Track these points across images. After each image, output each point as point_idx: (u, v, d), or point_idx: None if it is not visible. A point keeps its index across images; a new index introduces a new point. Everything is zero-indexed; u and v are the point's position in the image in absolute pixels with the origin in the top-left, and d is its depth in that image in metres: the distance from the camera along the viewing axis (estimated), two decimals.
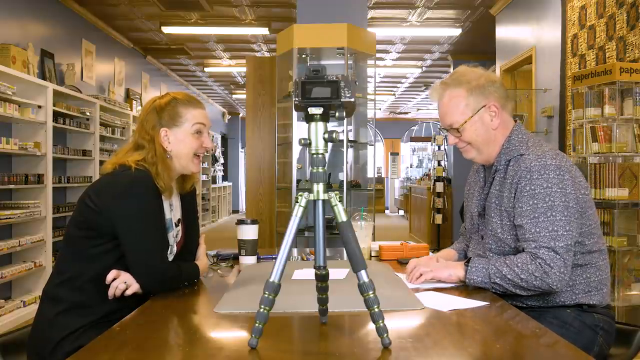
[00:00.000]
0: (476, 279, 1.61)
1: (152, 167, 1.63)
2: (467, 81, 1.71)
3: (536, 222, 1.57)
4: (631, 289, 3.56)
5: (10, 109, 4.29)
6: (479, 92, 1.70)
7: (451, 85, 1.74)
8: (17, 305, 4.46)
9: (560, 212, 1.56)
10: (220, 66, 9.73)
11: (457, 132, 1.73)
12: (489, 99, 1.71)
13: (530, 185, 1.60)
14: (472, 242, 1.85)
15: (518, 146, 1.71)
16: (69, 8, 6.08)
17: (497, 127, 1.72)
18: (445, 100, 1.74)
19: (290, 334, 1.32)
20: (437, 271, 1.68)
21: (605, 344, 1.64)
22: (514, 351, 1.15)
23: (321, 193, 1.16)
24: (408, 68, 9.79)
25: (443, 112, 1.75)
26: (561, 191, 1.58)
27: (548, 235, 1.55)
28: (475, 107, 1.70)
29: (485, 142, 1.73)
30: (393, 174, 16.16)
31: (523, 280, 1.55)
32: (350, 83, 1.16)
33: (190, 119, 1.70)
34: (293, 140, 4.42)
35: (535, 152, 1.65)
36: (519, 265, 1.56)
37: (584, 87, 3.76)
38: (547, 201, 1.57)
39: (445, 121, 1.75)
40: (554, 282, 1.54)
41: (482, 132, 1.72)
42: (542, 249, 1.55)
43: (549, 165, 1.60)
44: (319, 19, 4.62)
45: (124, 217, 1.55)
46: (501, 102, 1.72)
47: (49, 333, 1.55)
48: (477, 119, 1.71)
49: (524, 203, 1.60)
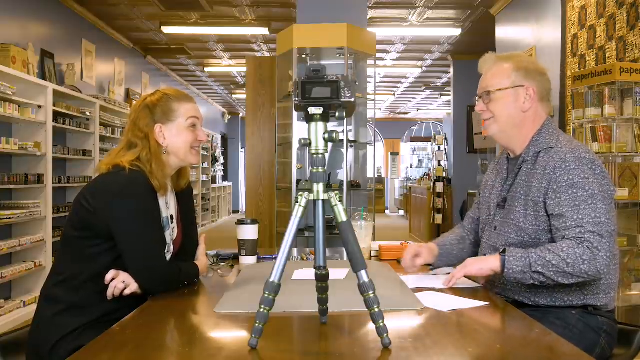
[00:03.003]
0: (516, 268, 1.55)
1: (147, 165, 1.63)
2: (518, 60, 1.75)
3: (578, 210, 1.56)
4: (631, 289, 3.56)
5: (10, 109, 4.29)
6: (524, 72, 1.72)
7: (503, 59, 1.77)
8: (17, 305, 4.46)
9: (601, 201, 1.56)
10: (220, 66, 9.73)
11: (488, 96, 1.74)
12: (531, 83, 1.72)
13: (568, 175, 1.59)
14: (485, 234, 1.84)
15: (548, 139, 1.71)
16: (69, 8, 6.08)
17: (528, 110, 1.72)
18: (493, 70, 1.77)
19: (290, 334, 1.32)
20: (469, 267, 1.63)
21: (608, 347, 1.63)
22: (514, 351, 1.15)
23: (321, 193, 1.16)
24: (408, 68, 9.78)
25: (484, 78, 1.78)
26: (597, 182, 1.58)
27: (592, 222, 1.54)
28: (515, 82, 1.72)
29: (509, 121, 1.73)
30: (393, 174, 16.16)
31: (569, 265, 1.51)
32: (350, 83, 1.16)
33: (183, 113, 1.71)
34: (293, 140, 4.42)
35: (568, 145, 1.65)
36: (565, 250, 1.52)
37: (584, 87, 3.76)
38: (587, 190, 1.56)
39: (482, 85, 1.78)
40: (601, 265, 1.51)
41: (511, 108, 1.72)
42: (588, 233, 1.53)
43: (584, 158, 1.60)
44: (318, 19, 4.62)
45: (120, 218, 1.55)
46: (540, 93, 1.73)
47: (47, 333, 1.55)
48: (511, 92, 1.72)
49: (563, 193, 1.59)
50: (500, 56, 1.79)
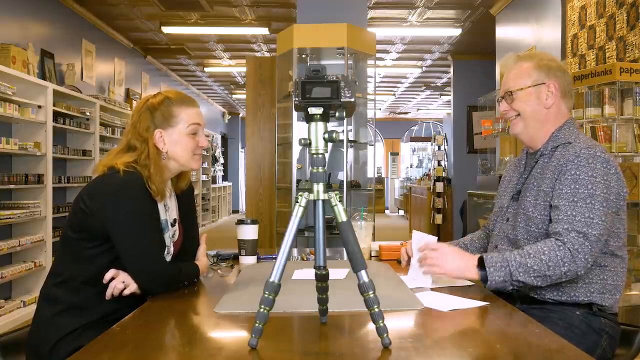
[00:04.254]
0: (498, 279, 1.54)
1: (144, 169, 1.61)
2: (539, 58, 1.76)
3: (574, 206, 1.56)
4: (631, 289, 3.56)
5: (10, 109, 4.29)
6: (546, 69, 1.73)
7: (523, 58, 1.79)
8: (16, 305, 4.46)
9: (600, 202, 1.56)
10: (220, 66, 9.73)
11: (511, 96, 1.76)
12: (551, 79, 1.73)
13: (576, 170, 1.60)
14: (497, 225, 1.85)
15: (567, 135, 1.72)
16: (69, 8, 6.08)
17: (551, 106, 1.73)
18: (514, 71, 1.78)
19: (290, 334, 1.32)
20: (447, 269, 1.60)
21: (609, 348, 1.63)
22: (514, 351, 1.15)
23: (321, 193, 1.16)
24: (408, 68, 9.78)
25: (506, 79, 1.79)
26: (605, 183, 1.58)
27: (583, 221, 1.54)
28: (536, 80, 1.73)
29: (533, 117, 1.74)
30: (393, 174, 16.16)
31: (551, 269, 1.52)
32: (350, 83, 1.16)
33: (184, 119, 1.67)
34: (293, 140, 4.42)
35: (586, 142, 1.66)
36: (546, 253, 1.53)
37: (584, 87, 3.76)
38: (590, 188, 1.57)
39: (504, 86, 1.79)
40: (580, 267, 1.53)
41: (534, 105, 1.73)
42: (573, 233, 1.54)
43: (598, 157, 1.60)
44: (318, 19, 4.62)
45: (116, 220, 1.54)
46: (562, 88, 1.74)
47: (46, 333, 1.55)
48: (533, 90, 1.73)
49: (565, 186, 1.60)
50: (521, 56, 1.81)
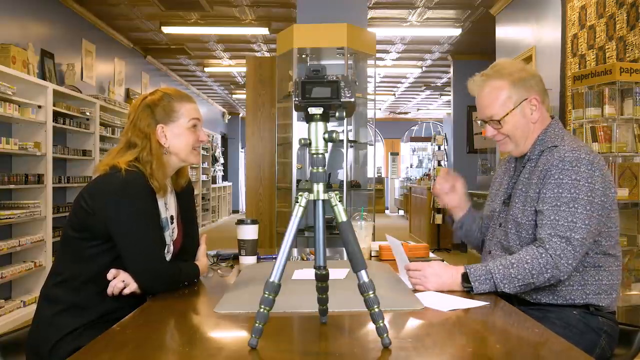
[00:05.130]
0: (483, 292, 1.56)
1: (146, 165, 1.62)
2: (509, 73, 1.71)
3: (557, 211, 1.57)
4: (631, 289, 3.56)
5: (10, 109, 4.29)
6: (521, 84, 1.70)
7: (493, 77, 1.72)
8: (17, 305, 4.46)
9: (583, 206, 1.56)
10: (220, 66, 9.73)
11: (498, 124, 1.73)
12: (531, 92, 1.70)
13: (560, 174, 1.59)
14: (489, 231, 1.86)
15: (553, 138, 1.71)
16: (69, 8, 6.08)
17: (537, 120, 1.72)
18: (486, 91, 1.72)
19: (290, 334, 1.32)
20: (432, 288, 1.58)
21: (608, 347, 1.63)
22: (514, 351, 1.15)
23: (321, 193, 1.16)
24: (408, 68, 9.78)
25: (483, 104, 1.74)
26: (589, 186, 1.57)
27: (566, 225, 1.55)
28: (518, 100, 1.70)
29: (523, 136, 1.73)
30: (393, 174, 16.15)
31: (534, 276, 1.54)
32: (350, 83, 1.16)
33: (185, 113, 1.70)
34: (293, 140, 4.42)
35: (571, 145, 1.65)
36: (529, 262, 1.54)
37: (584, 87, 3.76)
38: (572, 192, 1.57)
39: (486, 113, 1.74)
40: (562, 272, 1.54)
41: (522, 125, 1.72)
42: (555, 238, 1.54)
43: (582, 159, 1.59)
44: (318, 19, 4.62)
45: (118, 219, 1.54)
46: (542, 96, 1.73)
47: (46, 333, 1.55)
48: (518, 111, 1.70)
49: (549, 190, 1.60)
50: (487, 74, 1.74)
